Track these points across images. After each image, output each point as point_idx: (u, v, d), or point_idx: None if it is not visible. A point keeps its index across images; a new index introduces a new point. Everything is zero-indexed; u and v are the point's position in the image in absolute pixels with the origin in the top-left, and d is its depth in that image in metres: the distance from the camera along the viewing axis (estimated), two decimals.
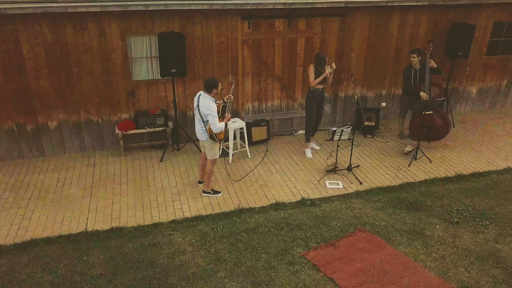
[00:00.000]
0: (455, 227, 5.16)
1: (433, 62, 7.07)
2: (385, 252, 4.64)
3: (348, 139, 6.42)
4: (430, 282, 4.17)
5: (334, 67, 6.70)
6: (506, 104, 9.52)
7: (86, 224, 5.27)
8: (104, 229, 5.16)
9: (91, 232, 5.11)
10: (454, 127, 8.39)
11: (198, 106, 5.44)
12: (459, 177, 6.44)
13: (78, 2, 5.99)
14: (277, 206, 5.68)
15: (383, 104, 8.53)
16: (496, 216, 5.36)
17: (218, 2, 6.44)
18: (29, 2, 5.85)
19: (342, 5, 7.11)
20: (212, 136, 5.46)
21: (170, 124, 7.14)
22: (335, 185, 6.23)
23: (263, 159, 7.03)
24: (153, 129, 7.01)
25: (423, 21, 8.00)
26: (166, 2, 6.22)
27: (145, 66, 6.94)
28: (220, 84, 5.39)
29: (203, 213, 5.52)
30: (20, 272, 4.39)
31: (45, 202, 5.74)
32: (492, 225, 5.18)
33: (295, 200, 5.83)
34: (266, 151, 7.31)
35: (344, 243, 4.80)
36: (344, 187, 6.19)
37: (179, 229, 5.16)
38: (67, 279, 4.27)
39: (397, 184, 6.27)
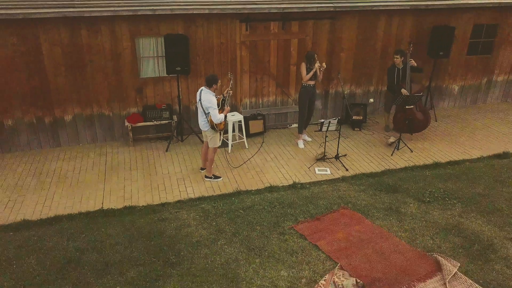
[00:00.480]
0: (426, 205, 5.94)
1: (413, 61, 7.85)
2: (364, 225, 5.42)
3: (336, 130, 7.20)
4: (399, 247, 4.95)
5: (325, 66, 7.49)
6: (486, 101, 10.31)
7: (102, 203, 6.05)
8: (118, 207, 5.93)
9: (106, 210, 5.87)
10: (436, 121, 9.17)
11: (200, 100, 6.23)
12: (436, 165, 7.21)
13: (93, 7, 6.78)
14: (271, 189, 6.45)
15: (371, 100, 9.31)
16: (463, 196, 6.14)
17: (218, 6, 7.23)
18: (50, 7, 6.65)
19: (332, 9, 7.90)
20: (213, 126, 6.24)
21: (175, 117, 7.92)
22: (323, 172, 7.01)
23: (259, 149, 7.81)
24: (159, 122, 7.80)
25: (407, 24, 8.79)
26: (172, 7, 7.02)
27: (152, 65, 7.73)
28: (219, 81, 6.18)
29: (205, 194, 6.29)
30: (48, 241, 5.16)
31: (64, 186, 6.51)
32: (459, 203, 5.96)
33: (287, 184, 6.60)
34: (262, 142, 8.09)
35: (328, 218, 5.58)
36: (331, 173, 6.97)
37: (184, 207, 5.93)
38: (89, 246, 5.04)
39: (380, 170, 7.04)
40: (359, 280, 4.33)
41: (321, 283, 4.32)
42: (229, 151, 7.67)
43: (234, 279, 4.48)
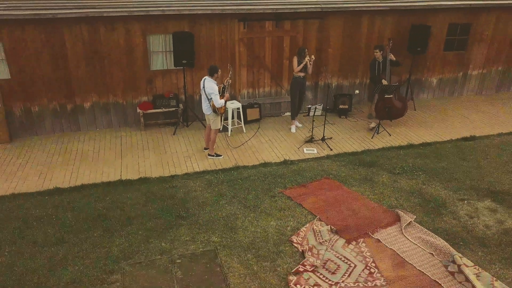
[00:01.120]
0: (396, 176, 7.11)
1: (392, 56, 9.02)
2: (341, 190, 6.59)
3: (321, 115, 8.37)
4: (368, 205, 6.11)
5: (313, 58, 8.66)
6: (462, 93, 11.48)
7: (120, 175, 7.21)
8: (134, 178, 7.09)
9: (125, 180, 7.03)
10: (415, 110, 10.34)
11: (203, 87, 7.39)
12: (410, 146, 8.38)
13: (111, 8, 7.96)
14: (265, 164, 7.61)
15: (357, 91, 10.48)
16: (428, 169, 7.31)
17: (219, 7, 8.41)
18: (74, 8, 7.83)
19: (319, 9, 9.08)
20: (215, 110, 7.41)
21: (181, 105, 9.09)
22: (311, 151, 8.18)
23: (255, 133, 8.98)
24: (167, 109, 8.97)
25: (388, 23, 9.97)
26: (179, 7, 8.20)
27: (161, 59, 8.90)
28: (219, 70, 7.35)
29: (209, 168, 7.45)
30: (79, 202, 6.32)
31: (86, 162, 7.67)
32: (424, 174, 7.13)
33: (279, 161, 7.76)
34: (258, 127, 9.26)
35: (312, 185, 6.75)
36: (318, 153, 8.13)
37: (191, 178, 7.10)
38: (113, 205, 6.21)
39: (360, 150, 8.21)
40: (333, 227, 5.50)
41: (303, 230, 5.49)
42: (229, 135, 8.83)
43: (232, 227, 5.65)
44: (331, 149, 8.24)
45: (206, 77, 7.39)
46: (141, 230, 5.57)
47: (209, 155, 7.89)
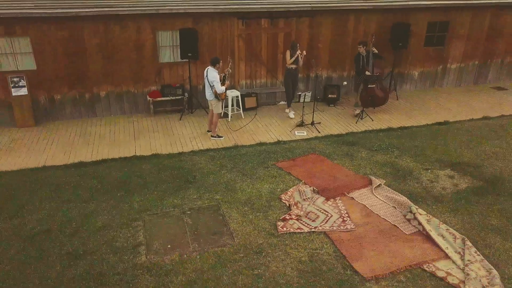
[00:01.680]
0: (373, 152, 8.33)
1: (375, 49, 10.25)
2: (325, 162, 7.82)
3: (310, 101, 9.60)
4: (346, 173, 7.34)
5: (305, 53, 9.88)
6: (442, 85, 12.72)
7: (135, 152, 8.43)
8: (147, 154, 8.31)
9: (139, 156, 8.25)
10: (397, 99, 11.57)
11: (206, 76, 8.62)
12: (389, 129, 9.60)
13: (125, 7, 9.21)
14: (261, 144, 8.83)
15: (345, 83, 11.72)
16: (402, 147, 8.54)
17: (220, 7, 9.65)
18: (94, 7, 9.08)
19: (309, 9, 10.32)
20: (217, 96, 8.64)
21: (186, 94, 10.32)
22: (301, 133, 9.40)
23: (252, 119, 10.20)
24: (174, 97, 10.21)
25: (372, 21, 11.21)
26: (185, 7, 9.44)
27: (168, 52, 10.14)
28: (221, 61, 8.57)
29: (211, 147, 8.67)
30: (101, 172, 7.54)
31: (104, 142, 8.90)
32: (397, 151, 8.36)
33: (273, 141, 8.98)
34: (255, 114, 10.49)
35: (300, 159, 7.98)
36: (307, 135, 9.36)
37: (196, 154, 8.32)
38: (131, 174, 7.42)
39: (345, 132, 9.43)
40: (315, 188, 6.73)
41: (290, 190, 6.72)
42: (229, 120, 10.06)
43: (232, 189, 6.88)
44: (319, 132, 9.47)
45: (209, 67, 8.62)
46: (156, 191, 6.80)
47: (211, 136, 9.11)
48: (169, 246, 5.43)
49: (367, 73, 10.19)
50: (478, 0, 11.52)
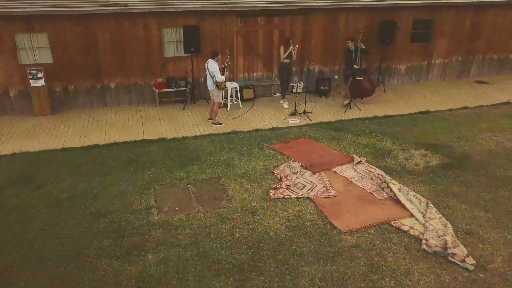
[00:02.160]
0: (358, 136, 9.35)
1: (362, 45, 11.27)
2: (314, 144, 8.85)
3: (302, 92, 10.63)
4: (332, 153, 8.37)
5: (297, 46, 10.90)
6: (428, 79, 13.75)
7: (143, 136, 9.46)
8: (154, 138, 9.33)
9: (147, 139, 9.27)
10: (384, 92, 12.61)
11: (207, 68, 9.64)
12: (374, 117, 10.61)
13: (134, 5, 10.24)
14: (257, 130, 9.85)
15: (336, 76, 12.75)
16: (384, 132, 9.56)
17: (220, 5, 10.68)
18: (106, 6, 10.10)
19: (303, 7, 11.35)
20: (217, 85, 9.67)
21: (189, 86, 11.35)
22: (294, 121, 10.42)
23: (250, 108, 11.23)
24: (178, 89, 11.23)
25: (361, 19, 12.24)
26: (189, 5, 10.47)
27: (173, 48, 11.17)
28: (220, 54, 9.59)
29: (212, 133, 9.69)
30: (114, 152, 8.56)
31: (115, 128, 9.91)
32: (380, 135, 9.38)
33: (268, 128, 9.99)
34: (253, 104, 11.52)
35: (292, 142, 9.01)
36: (299, 122, 10.38)
37: (199, 138, 9.33)
38: (141, 154, 8.44)
39: (333, 120, 10.45)
40: (303, 164, 7.76)
41: (282, 166, 7.74)
42: (228, 109, 11.09)
43: (231, 165, 7.89)
44: (310, 120, 10.49)
45: (209, 59, 9.65)
46: (164, 167, 7.83)
47: (212, 123, 10.13)
48: (177, 208, 6.46)
49: (355, 66, 11.21)
50: (459, 0, 12.54)
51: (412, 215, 6.19)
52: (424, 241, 5.59)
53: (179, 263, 5.23)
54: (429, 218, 6.05)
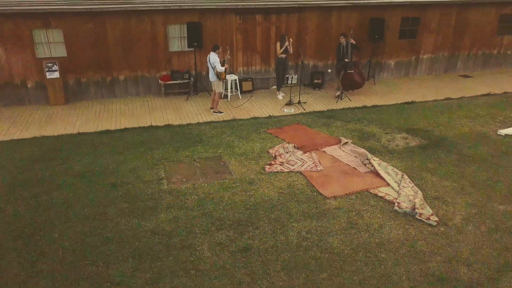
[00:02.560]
0: (346, 123, 10.37)
1: (353, 40, 12.30)
2: (306, 129, 9.87)
3: (296, 83, 11.66)
4: (322, 136, 9.39)
5: (291, 40, 11.92)
6: (416, 73, 14.78)
7: (151, 123, 10.48)
8: (161, 125, 10.35)
9: (154, 126, 10.28)
10: (375, 85, 13.63)
11: (209, 60, 10.67)
12: (364, 107, 11.63)
13: (141, 3, 11.26)
14: (255, 118, 10.86)
15: (329, 70, 13.78)
16: (371, 119, 10.58)
17: (221, 3, 11.71)
18: (115, 4, 11.13)
19: (297, 5, 12.39)
20: (218, 76, 10.69)
21: (192, 78, 12.38)
22: (289, 110, 11.45)
23: (248, 99, 12.26)
24: (182, 81, 12.26)
25: (352, 16, 13.28)
26: (192, 3, 11.50)
27: (177, 43, 12.20)
28: (220, 48, 10.61)
29: (214, 120, 10.71)
30: (125, 137, 9.57)
31: (125, 116, 10.93)
32: (366, 121, 10.40)
33: (265, 116, 11.02)
34: (251, 96, 12.55)
35: (287, 127, 10.03)
36: (294, 111, 11.40)
37: (201, 125, 10.35)
38: (150, 137, 9.45)
39: (325, 109, 11.48)
40: (296, 145, 8.78)
41: (276, 147, 8.76)
42: (229, 100, 12.12)
43: (231, 146, 8.91)
44: (304, 109, 11.51)
45: (211, 52, 10.67)
46: (171, 147, 8.85)
47: (214, 112, 11.15)
48: (184, 179, 7.48)
49: (346, 60, 12.24)
50: None
51: (388, 185, 7.21)
52: (396, 204, 6.60)
53: (187, 220, 6.25)
54: (403, 186, 7.07)
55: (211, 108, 11.37)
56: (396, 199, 6.75)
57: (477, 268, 5.32)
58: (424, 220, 6.23)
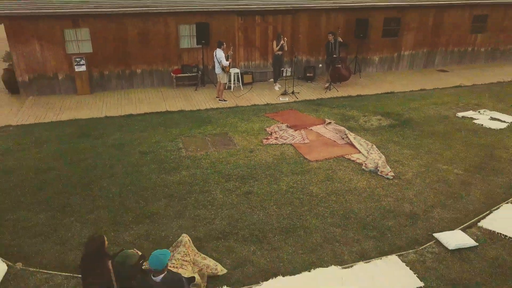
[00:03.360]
0: (332, 108, 12.51)
1: (340, 38, 14.43)
2: (297, 113, 12.01)
3: (290, 75, 13.79)
4: (311, 119, 11.52)
5: (286, 39, 14.06)
6: (398, 68, 16.92)
7: (166, 109, 12.61)
8: (175, 110, 12.48)
9: (169, 111, 12.42)
10: (360, 78, 15.77)
11: (215, 55, 12.81)
12: (348, 96, 13.76)
13: (157, 7, 13.39)
14: (254, 105, 12.99)
15: (320, 65, 15.92)
16: (353, 105, 12.71)
17: (225, 6, 13.84)
18: (135, 7, 13.26)
19: (291, 8, 14.53)
20: (223, 69, 12.83)
21: (200, 72, 14.52)
22: (284, 99, 13.58)
23: (249, 90, 14.39)
24: (191, 74, 14.40)
25: (340, 17, 15.42)
26: (202, 7, 13.64)
27: (187, 40, 14.33)
28: (224, 44, 12.75)
29: (219, 107, 12.84)
30: (145, 119, 11.70)
31: (143, 103, 13.05)
32: (349, 107, 12.54)
33: (263, 103, 13.16)
34: (251, 87, 14.68)
35: (281, 112, 12.17)
36: (288, 100, 13.54)
37: (209, 111, 12.47)
38: (166, 120, 11.57)
39: (315, 98, 13.62)
40: (288, 125, 10.92)
41: (272, 126, 10.90)
42: (232, 91, 14.26)
43: (235, 126, 11.03)
44: (297, 98, 13.65)
45: (217, 49, 12.81)
46: (185, 127, 10.98)
47: (219, 100, 13.28)
48: (198, 149, 9.61)
49: (334, 55, 14.38)
50: (421, 1, 15.73)
51: (360, 152, 9.34)
52: (364, 165, 8.74)
53: (203, 175, 8.38)
54: (371, 153, 9.21)
55: (217, 97, 13.49)
56: (365, 161, 8.88)
57: (417, 205, 7.45)
58: (383, 175, 8.36)
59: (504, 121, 11.14)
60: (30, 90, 13.44)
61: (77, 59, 13.34)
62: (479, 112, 11.80)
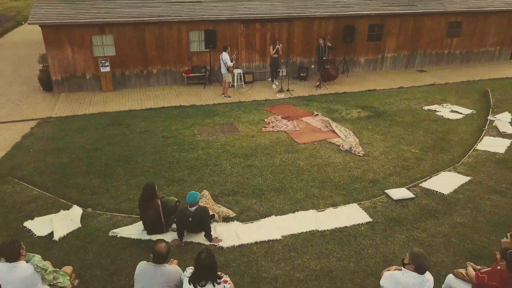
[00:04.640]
0: (320, 103, 15.11)
1: (329, 43, 17.05)
2: (291, 107, 14.63)
3: (286, 75, 16.41)
4: (302, 111, 14.13)
5: (281, 45, 16.69)
6: (382, 69, 19.54)
7: (180, 103, 15.22)
8: (187, 105, 15.09)
9: (182, 105, 15.03)
10: (347, 77, 18.40)
11: (222, 58, 15.42)
12: (336, 93, 16.37)
13: (171, 16, 16.01)
14: (255, 101, 15.58)
15: (312, 66, 18.55)
16: (338, 100, 15.33)
17: (230, 16, 16.46)
18: (152, 17, 15.88)
19: (287, 16, 17.15)
20: (228, 69, 15.45)
21: (207, 72, 17.14)
22: (280, 96, 16.21)
23: (250, 87, 17.01)
24: (199, 74, 17.03)
25: (330, 24, 18.04)
26: (210, 16, 16.26)
27: (196, 45, 16.96)
28: (229, 48, 15.37)
29: (225, 102, 15.45)
30: (164, 112, 14.29)
31: (160, 99, 15.66)
32: (334, 102, 15.16)
33: (262, 99, 15.77)
34: (252, 85, 17.30)
35: (278, 106, 14.78)
36: (284, 96, 16.16)
37: (216, 105, 15.08)
38: (180, 112, 14.18)
39: (307, 95, 16.23)
40: (283, 116, 13.55)
41: (269, 117, 13.53)
42: (235, 88, 16.89)
43: (239, 117, 13.65)
44: (291, 95, 16.27)
45: (223, 52, 15.43)
46: (198, 118, 13.60)
47: (224, 96, 15.90)
48: (210, 135, 12.23)
49: (324, 58, 17.00)
50: (402, 10, 18.34)
51: (339, 137, 11.96)
52: (341, 146, 11.36)
53: (215, 154, 10.99)
54: (348, 137, 11.83)
55: (222, 94, 16.10)
56: (342, 143, 11.50)
57: (379, 174, 10.05)
58: (356, 154, 10.97)
59: (462, 113, 13.77)
60: (62, 88, 16.05)
61: (102, 61, 15.94)
62: (442, 106, 14.42)
